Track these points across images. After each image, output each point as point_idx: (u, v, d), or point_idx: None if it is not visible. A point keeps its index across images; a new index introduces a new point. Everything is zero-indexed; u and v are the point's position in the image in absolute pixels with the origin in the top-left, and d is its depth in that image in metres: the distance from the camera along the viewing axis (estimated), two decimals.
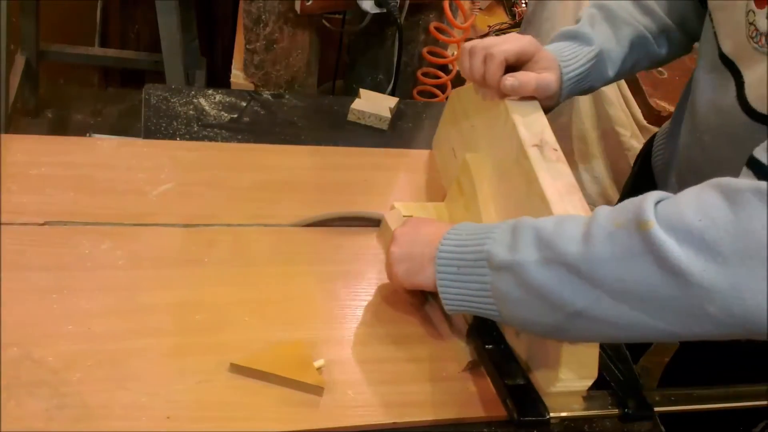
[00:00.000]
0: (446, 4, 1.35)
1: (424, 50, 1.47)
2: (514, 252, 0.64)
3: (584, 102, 1.63)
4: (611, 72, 0.91)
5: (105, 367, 0.70)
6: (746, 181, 0.55)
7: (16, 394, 0.66)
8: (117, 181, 0.89)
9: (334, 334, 0.79)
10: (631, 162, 1.67)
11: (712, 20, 0.81)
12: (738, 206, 0.54)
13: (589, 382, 0.71)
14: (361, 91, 1.15)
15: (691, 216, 0.55)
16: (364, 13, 1.33)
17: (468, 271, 0.69)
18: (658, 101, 1.67)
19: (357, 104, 1.12)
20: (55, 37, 2.13)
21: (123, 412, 0.67)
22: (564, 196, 0.73)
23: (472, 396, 0.76)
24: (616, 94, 1.66)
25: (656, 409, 0.74)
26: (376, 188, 1.00)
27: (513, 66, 0.84)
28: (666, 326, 0.58)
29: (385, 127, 1.13)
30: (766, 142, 0.59)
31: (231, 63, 1.56)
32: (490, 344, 0.75)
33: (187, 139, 1.01)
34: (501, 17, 2.04)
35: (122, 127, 2.26)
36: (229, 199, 0.91)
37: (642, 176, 1.10)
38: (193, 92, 1.09)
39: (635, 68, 0.95)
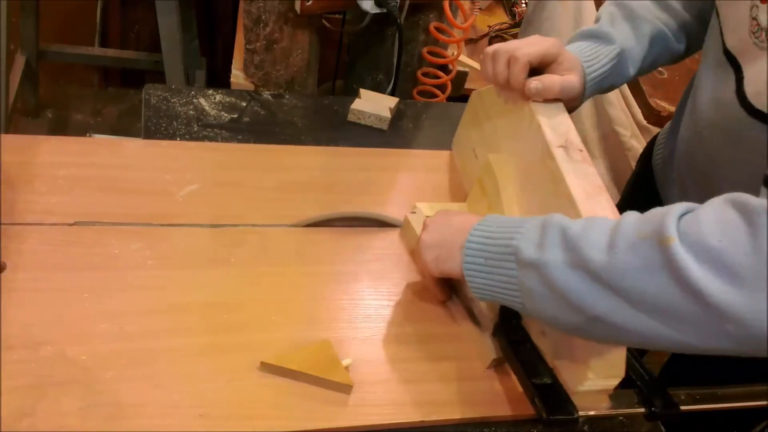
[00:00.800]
0: (446, 4, 1.35)
1: (424, 50, 1.47)
2: (540, 251, 0.65)
3: (584, 102, 1.63)
4: (632, 70, 0.91)
5: (137, 365, 0.71)
6: (764, 201, 0.56)
7: (51, 393, 0.67)
8: (143, 181, 0.91)
9: (360, 333, 0.80)
10: (632, 162, 1.68)
11: (718, 15, 0.81)
12: (756, 228, 0.54)
13: (617, 381, 0.72)
14: (361, 91, 1.15)
15: (711, 235, 0.55)
16: (364, 13, 1.33)
17: (495, 263, 0.70)
18: (658, 101, 1.67)
19: (357, 104, 1.12)
20: (55, 37, 2.13)
21: (156, 410, 0.68)
22: (591, 196, 0.74)
23: (497, 395, 0.77)
24: (616, 95, 1.66)
25: (682, 407, 0.74)
26: (400, 188, 1.02)
27: (536, 68, 0.85)
28: (684, 338, 0.58)
29: (385, 127, 1.13)
30: None
31: (231, 63, 1.56)
32: (516, 343, 0.75)
33: (188, 139, 1.01)
34: (501, 17, 2.04)
35: (122, 127, 2.26)
36: (253, 200, 0.93)
37: (642, 176, 1.11)
38: (193, 92, 1.09)
39: (655, 65, 0.95)
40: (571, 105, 0.88)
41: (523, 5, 2.01)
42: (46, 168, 0.89)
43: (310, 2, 1.30)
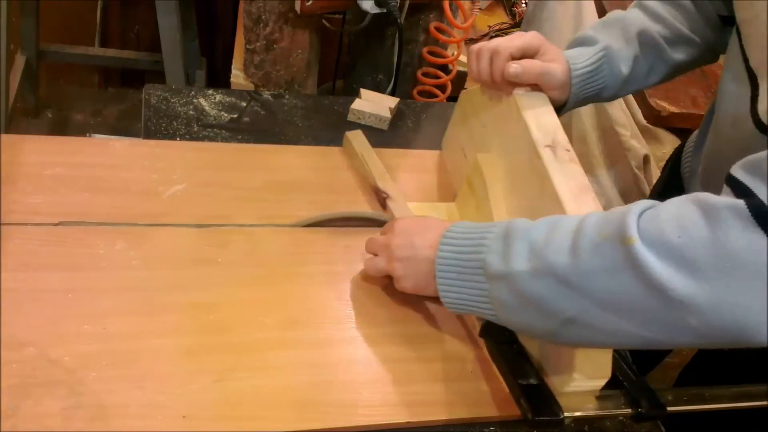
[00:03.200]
0: (446, 4, 1.35)
1: (424, 50, 1.47)
2: (506, 262, 0.66)
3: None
4: (624, 69, 0.91)
5: (121, 366, 0.71)
6: (724, 198, 0.56)
7: (34, 394, 0.67)
8: (130, 181, 0.90)
9: (347, 334, 0.80)
10: (632, 162, 1.68)
11: (739, 34, 0.81)
12: (715, 223, 0.55)
13: (603, 382, 0.72)
14: (362, 91, 1.15)
15: (671, 232, 0.56)
16: (364, 13, 1.33)
17: (467, 278, 0.71)
18: (658, 101, 1.67)
19: (357, 104, 1.12)
20: (55, 37, 2.13)
21: (139, 411, 0.67)
22: (577, 196, 0.74)
23: (484, 395, 0.77)
24: None
25: (669, 408, 0.74)
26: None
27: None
28: (652, 335, 0.59)
29: (385, 127, 1.13)
30: (742, 160, 0.60)
31: (231, 63, 1.56)
32: (503, 344, 0.75)
33: (188, 139, 1.01)
34: (501, 17, 2.04)
35: (122, 127, 2.26)
36: (240, 200, 0.92)
37: (671, 182, 1.11)
38: (193, 92, 1.09)
39: (654, 72, 0.95)
40: (558, 97, 0.88)
41: (523, 5, 2.01)
42: (32, 167, 0.88)
43: (310, 2, 1.30)
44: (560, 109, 0.90)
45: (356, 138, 1.03)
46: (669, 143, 1.70)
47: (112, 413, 0.67)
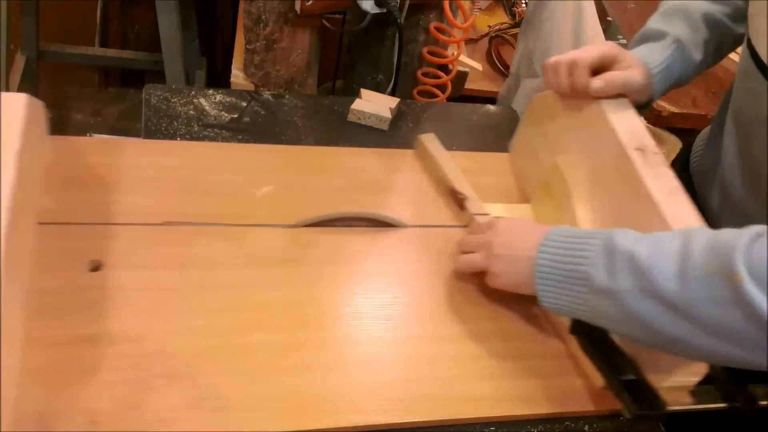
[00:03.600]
0: (446, 4, 1.35)
1: (424, 50, 1.47)
2: (611, 279, 0.67)
3: None
4: (697, 55, 0.92)
5: (232, 360, 0.74)
6: None
7: (157, 386, 0.70)
8: (220, 183, 0.94)
9: (446, 330, 0.83)
10: None
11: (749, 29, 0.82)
12: None
13: (698, 378, 0.74)
14: (362, 91, 1.15)
15: None
16: (364, 13, 1.33)
17: (567, 287, 0.72)
18: (658, 101, 1.67)
19: (357, 104, 1.12)
20: (55, 37, 2.13)
21: (255, 403, 0.71)
22: (670, 197, 0.76)
23: (577, 390, 0.80)
24: None
25: (761, 403, 0.75)
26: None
27: (596, 71, 0.86)
28: (758, 360, 0.62)
29: (385, 127, 1.13)
30: None
31: (231, 63, 1.56)
32: (595, 339, 0.77)
33: (188, 139, 1.01)
34: (501, 17, 2.04)
35: (122, 127, 2.26)
36: (323, 200, 0.95)
37: (681, 181, 1.11)
38: (193, 92, 1.09)
39: (723, 50, 0.96)
40: (641, 99, 0.89)
41: (523, 5, 2.01)
42: (125, 170, 0.92)
43: (310, 2, 1.30)
44: (643, 107, 0.91)
45: (429, 141, 1.04)
46: (669, 143, 1.70)
47: (231, 405, 0.70)
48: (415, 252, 0.92)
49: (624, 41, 1.74)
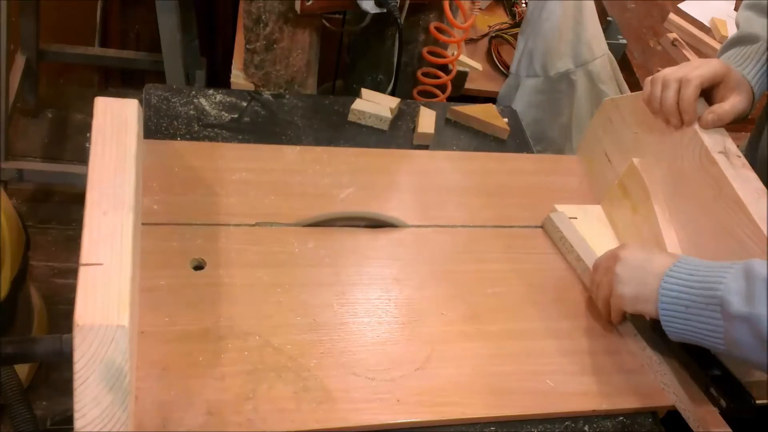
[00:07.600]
0: (446, 4, 1.35)
1: (424, 50, 1.47)
2: (750, 304, 0.67)
3: (584, 102, 1.64)
4: None
5: (334, 354, 0.79)
6: None
7: (267, 378, 0.74)
8: (307, 185, 0.98)
9: (534, 326, 0.87)
10: None
11: None
12: None
13: None
14: (362, 90, 1.15)
15: None
16: (364, 13, 1.32)
17: (697, 312, 0.72)
18: None
19: (357, 104, 1.12)
20: (55, 37, 2.13)
21: (358, 396, 0.75)
22: (758, 199, 0.79)
23: (658, 385, 0.82)
24: (616, 94, 1.66)
25: None
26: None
27: (704, 89, 0.87)
28: None
29: (385, 127, 1.13)
30: None
31: (231, 63, 1.56)
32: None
33: (188, 139, 1.01)
34: (501, 17, 2.04)
35: None
36: (404, 201, 0.99)
37: None
38: (193, 92, 1.09)
39: None
40: (744, 109, 0.89)
41: (523, 5, 2.01)
42: (221, 173, 0.96)
43: (310, 2, 1.30)
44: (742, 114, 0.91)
45: (561, 220, 0.99)
46: None
47: (336, 397, 0.74)
48: (484, 251, 0.95)
49: (624, 41, 1.74)
